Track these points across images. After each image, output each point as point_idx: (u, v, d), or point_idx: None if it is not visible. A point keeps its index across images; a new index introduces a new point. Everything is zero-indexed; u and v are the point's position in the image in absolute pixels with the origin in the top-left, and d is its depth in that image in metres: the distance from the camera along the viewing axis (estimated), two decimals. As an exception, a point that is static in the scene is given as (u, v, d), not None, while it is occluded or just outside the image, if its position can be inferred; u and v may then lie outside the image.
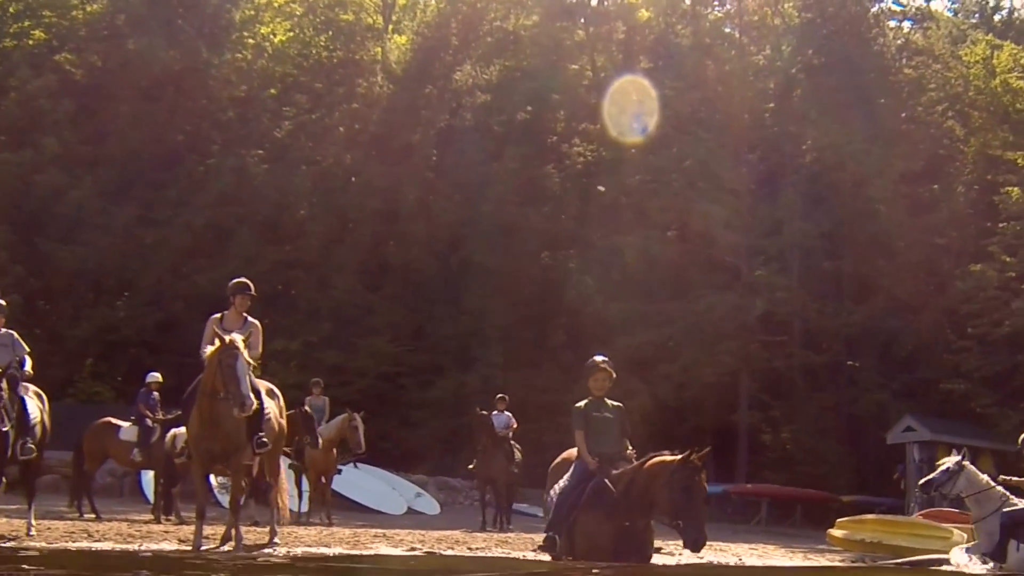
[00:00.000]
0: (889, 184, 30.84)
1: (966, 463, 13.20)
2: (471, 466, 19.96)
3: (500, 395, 19.90)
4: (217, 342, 9.30)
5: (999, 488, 13.06)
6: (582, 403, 9.57)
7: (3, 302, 11.16)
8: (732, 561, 12.54)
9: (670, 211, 31.45)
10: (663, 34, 33.35)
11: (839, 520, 17.47)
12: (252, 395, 9.18)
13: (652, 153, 31.85)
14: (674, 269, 31.23)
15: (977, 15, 36.14)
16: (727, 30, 33.62)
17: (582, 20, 34.09)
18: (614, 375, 9.75)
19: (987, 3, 36.08)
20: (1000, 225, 30.28)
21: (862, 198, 30.79)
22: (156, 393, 17.54)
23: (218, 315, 10.02)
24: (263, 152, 33.59)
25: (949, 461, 13.27)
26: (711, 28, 33.39)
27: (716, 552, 13.90)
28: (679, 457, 8.73)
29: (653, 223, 31.59)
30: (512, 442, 19.24)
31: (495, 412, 19.26)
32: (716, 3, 34.10)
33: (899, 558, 14.44)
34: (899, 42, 34.49)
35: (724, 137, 31.55)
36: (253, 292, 10.21)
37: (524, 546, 11.71)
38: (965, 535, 17.76)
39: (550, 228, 32.03)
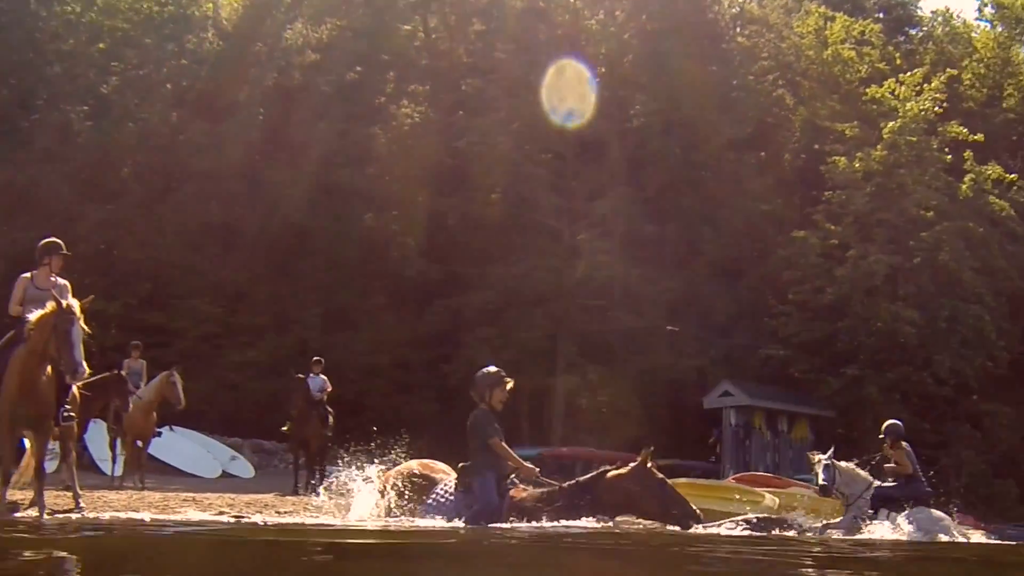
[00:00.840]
0: (716, 150, 30.73)
1: (834, 461, 13.94)
2: (285, 428, 19.25)
3: (316, 358, 19.59)
4: (51, 305, 8.92)
5: (863, 473, 14.01)
6: (482, 411, 9.68)
7: None
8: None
9: (495, 174, 30.87)
10: (497, -4, 32.83)
11: None
12: (84, 363, 8.84)
13: (479, 115, 31.26)
14: (496, 232, 30.68)
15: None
16: (561, -6, 33.16)
17: (415, -20, 33.39)
18: None
19: (824, -25, 36.26)
20: (825, 194, 30.39)
21: (688, 164, 30.60)
22: None
23: (28, 275, 9.74)
24: (87, 108, 32.27)
25: (822, 459, 13.99)
26: (545, -10, 32.94)
27: None
28: (637, 464, 9.39)
29: (477, 185, 31.03)
30: (327, 406, 18.92)
31: (311, 375, 18.95)
32: (551, -34, 33.57)
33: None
34: (734, 11, 34.46)
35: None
36: (66, 252, 9.91)
37: (332, 510, 11.57)
38: (777, 499, 17.61)
39: (374, 189, 31.28)
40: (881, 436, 14.39)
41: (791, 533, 12.66)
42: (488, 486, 9.49)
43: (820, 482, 13.91)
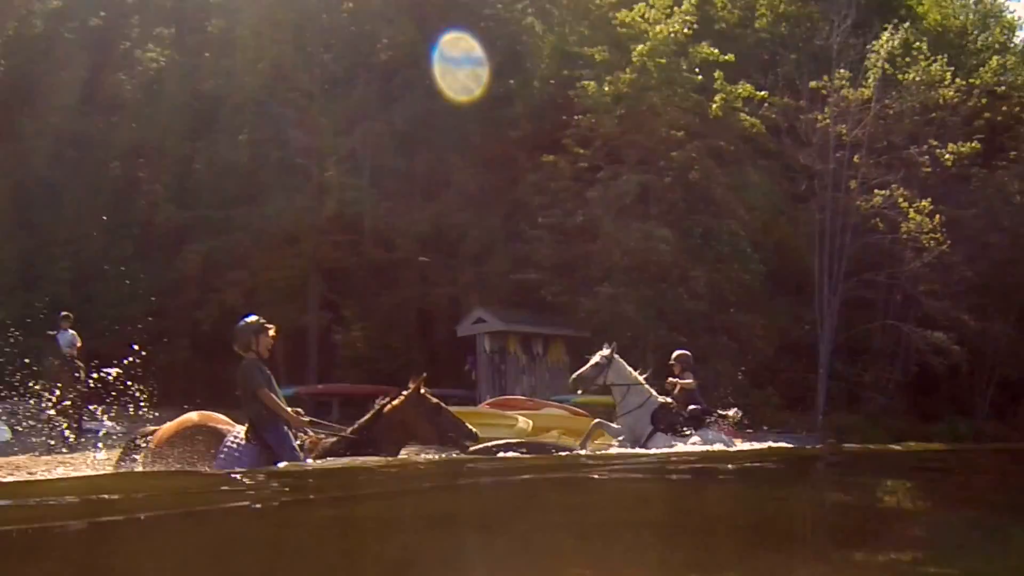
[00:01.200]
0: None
1: (615, 356, 13.78)
2: (37, 387, 18.51)
3: (64, 313, 19.16)
4: None
5: (645, 385, 13.78)
6: (251, 361, 9.32)
7: None
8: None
9: (242, 114, 30.08)
10: (237, -65, 31.92)
11: None
12: None
13: (226, 56, 30.43)
14: (245, 174, 29.93)
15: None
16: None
17: (158, -79, 32.37)
18: None
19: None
20: (575, 118, 30.08)
21: (435, 95, 30.04)
22: None
23: None
24: None
25: (599, 355, 13.88)
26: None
27: None
28: (410, 392, 9.54)
29: (224, 128, 30.22)
30: (77, 360, 18.49)
31: (59, 331, 18.63)
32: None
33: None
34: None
35: (299, 38, 30.39)
36: None
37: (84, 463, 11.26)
38: (530, 423, 17.15)
39: (119, 136, 30.31)
40: (671, 363, 14.42)
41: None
42: (285, 438, 9.17)
43: (578, 373, 14.04)
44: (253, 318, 9.73)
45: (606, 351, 13.96)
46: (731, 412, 14.58)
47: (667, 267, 29.13)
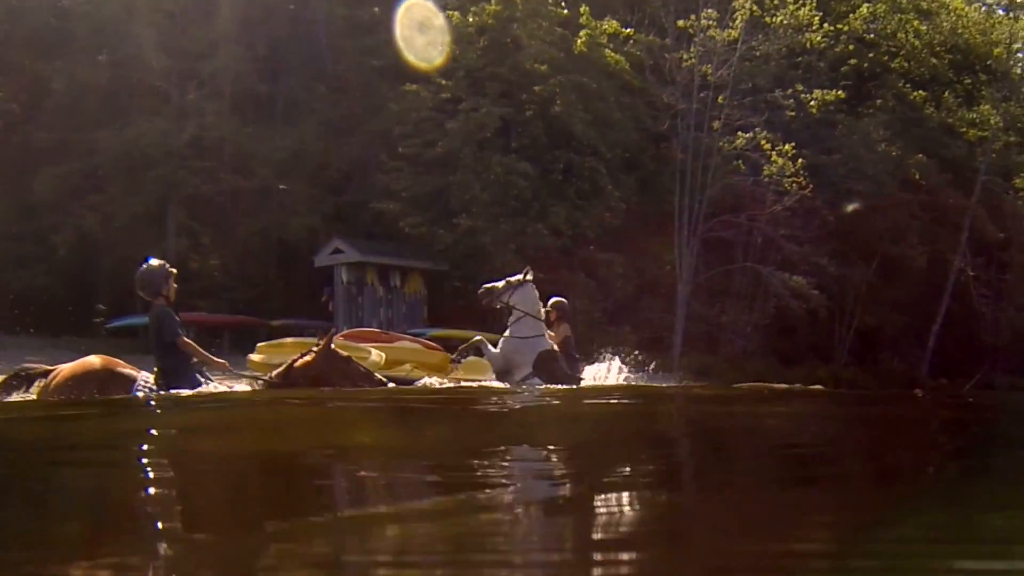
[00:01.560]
0: (327, 6, 29.79)
1: (529, 282, 13.49)
2: None
3: None
4: None
5: (543, 324, 13.43)
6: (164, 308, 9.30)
7: None
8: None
9: (102, 35, 29.40)
10: None
11: (259, 344, 16.71)
12: None
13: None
14: (104, 95, 29.29)
15: None
16: None
17: None
18: None
19: None
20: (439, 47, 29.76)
21: (299, 20, 29.62)
22: None
23: None
24: None
25: (517, 276, 13.59)
26: None
27: None
28: (320, 347, 9.67)
29: (84, 47, 29.53)
30: None
31: None
32: None
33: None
34: None
35: (160, -43, 29.69)
36: None
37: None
38: (383, 355, 16.85)
39: (-28, 56, 29.48)
40: (547, 310, 14.06)
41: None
42: (199, 387, 9.12)
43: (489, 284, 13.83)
44: (157, 262, 9.58)
45: (522, 276, 13.69)
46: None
47: (527, 202, 29.07)
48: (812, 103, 31.57)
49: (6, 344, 25.30)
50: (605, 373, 14.35)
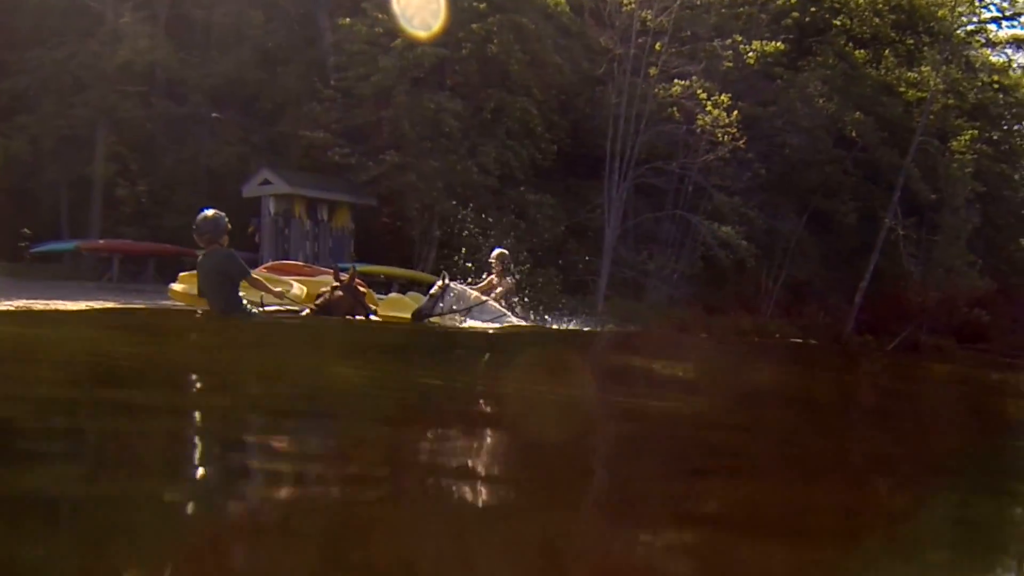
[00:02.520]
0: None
1: (452, 284, 13.64)
2: None
3: None
4: None
5: (492, 302, 13.59)
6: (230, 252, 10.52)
7: None
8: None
9: (35, -49, 28.88)
10: None
11: (181, 274, 16.67)
12: None
13: None
14: (35, 14, 28.85)
15: None
16: None
17: None
18: None
19: None
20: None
21: (236, -55, 29.18)
22: None
23: None
24: None
25: (435, 286, 13.73)
26: None
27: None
28: (349, 283, 11.58)
29: (15, -37, 28.99)
30: None
31: None
32: None
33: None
34: None
35: None
36: None
37: None
38: (304, 289, 16.71)
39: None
40: (490, 260, 14.55)
41: None
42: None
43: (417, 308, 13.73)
44: (214, 211, 10.57)
45: (440, 282, 13.68)
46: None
47: (457, 140, 28.96)
48: (751, 54, 31.51)
49: None
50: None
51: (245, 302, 10.69)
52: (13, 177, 28.97)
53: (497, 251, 14.82)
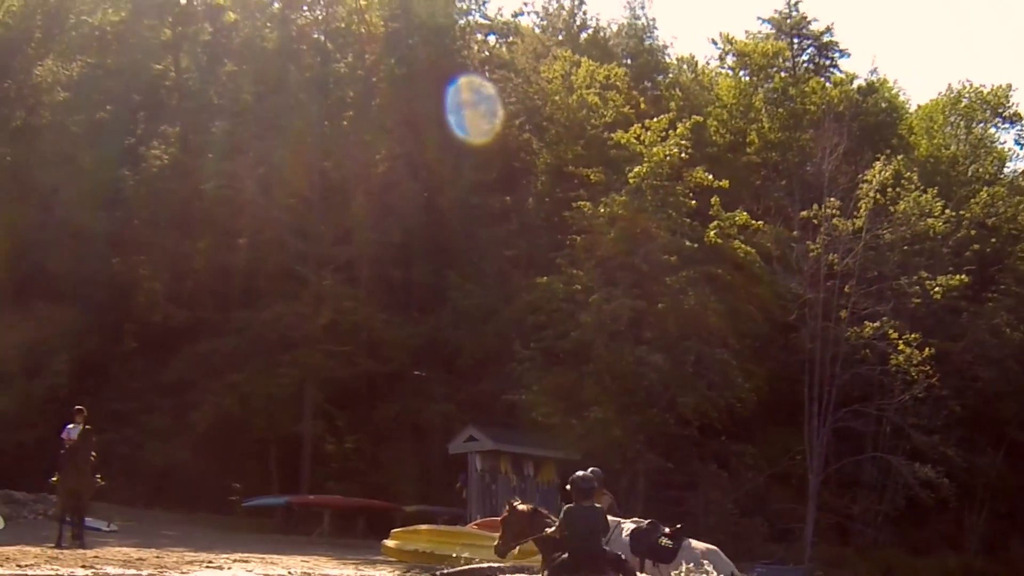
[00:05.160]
0: (461, 194, 29.93)
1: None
2: (54, 480, 18.02)
3: (78, 407, 18.50)
4: None
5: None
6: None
7: None
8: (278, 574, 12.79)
9: (242, 218, 29.78)
10: (249, 38, 31.73)
11: (393, 531, 16.75)
12: None
13: (228, 158, 30.13)
14: (243, 277, 29.62)
15: (562, 32, 35.97)
16: (314, 36, 32.18)
17: (169, 19, 32.18)
18: None
19: (574, 21, 35.96)
20: (569, 238, 29.81)
21: (433, 208, 29.77)
22: None
23: None
24: None
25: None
26: (298, 33, 31.97)
27: (266, 565, 14.13)
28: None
29: (224, 230, 29.88)
30: (90, 454, 17.86)
31: (70, 425, 18.02)
32: (305, 8, 32.64)
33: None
34: (483, 55, 33.97)
35: (299, 145, 30.15)
36: None
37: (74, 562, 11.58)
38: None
39: (122, 232, 30.06)
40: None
41: None
42: None
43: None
44: (591, 470, 10.63)
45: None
46: None
47: (658, 392, 28.77)
48: (936, 289, 31.14)
49: (143, 518, 25.29)
50: None
51: None
52: (223, 433, 29.24)
53: (590, 470, 14.46)
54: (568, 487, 11.80)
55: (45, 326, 29.93)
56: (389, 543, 18.01)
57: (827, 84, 34.22)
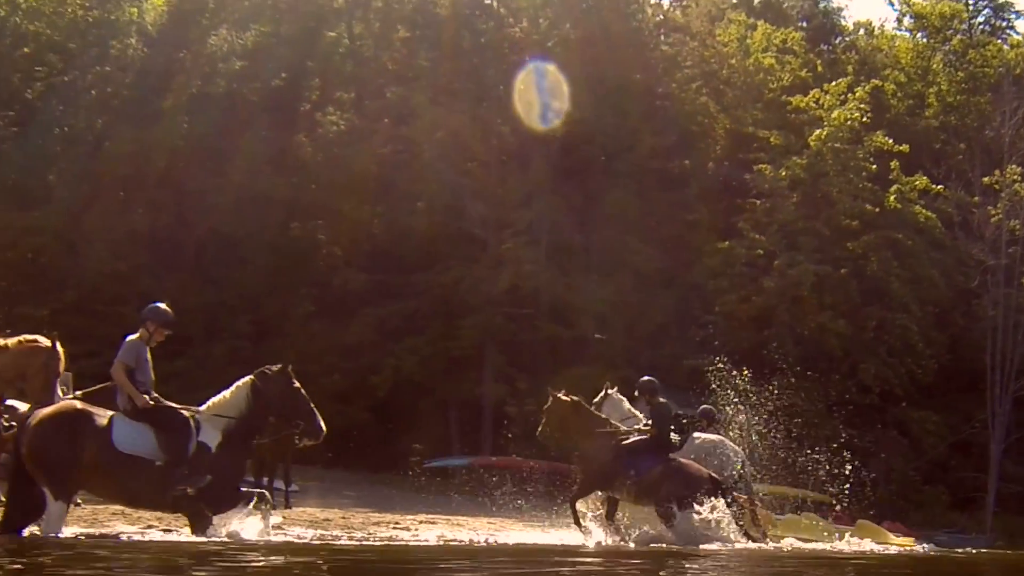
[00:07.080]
0: (640, 159, 29.65)
1: (610, 393, 14.00)
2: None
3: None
4: None
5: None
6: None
7: None
8: (466, 536, 12.15)
9: (420, 182, 29.71)
10: (421, 3, 31.57)
11: None
12: None
13: (404, 124, 30.11)
14: (422, 241, 29.60)
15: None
16: (486, 1, 31.90)
17: (341, -14, 32.13)
18: None
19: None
20: (750, 202, 29.42)
21: (612, 172, 29.49)
22: None
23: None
24: (13, 114, 30.85)
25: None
26: (470, -1, 31.80)
27: (452, 527, 13.84)
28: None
29: (402, 194, 29.84)
30: None
31: None
32: (478, -27, 32.44)
33: None
34: (658, 19, 33.51)
35: (477, 109, 30.07)
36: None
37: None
38: None
39: (299, 197, 30.19)
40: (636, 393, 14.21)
41: None
42: None
43: None
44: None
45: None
46: None
47: (838, 359, 28.40)
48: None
49: (324, 477, 25.38)
50: None
51: None
52: (404, 396, 29.30)
53: (643, 379, 14.18)
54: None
55: (224, 289, 30.32)
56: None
57: (1004, 46, 33.29)
